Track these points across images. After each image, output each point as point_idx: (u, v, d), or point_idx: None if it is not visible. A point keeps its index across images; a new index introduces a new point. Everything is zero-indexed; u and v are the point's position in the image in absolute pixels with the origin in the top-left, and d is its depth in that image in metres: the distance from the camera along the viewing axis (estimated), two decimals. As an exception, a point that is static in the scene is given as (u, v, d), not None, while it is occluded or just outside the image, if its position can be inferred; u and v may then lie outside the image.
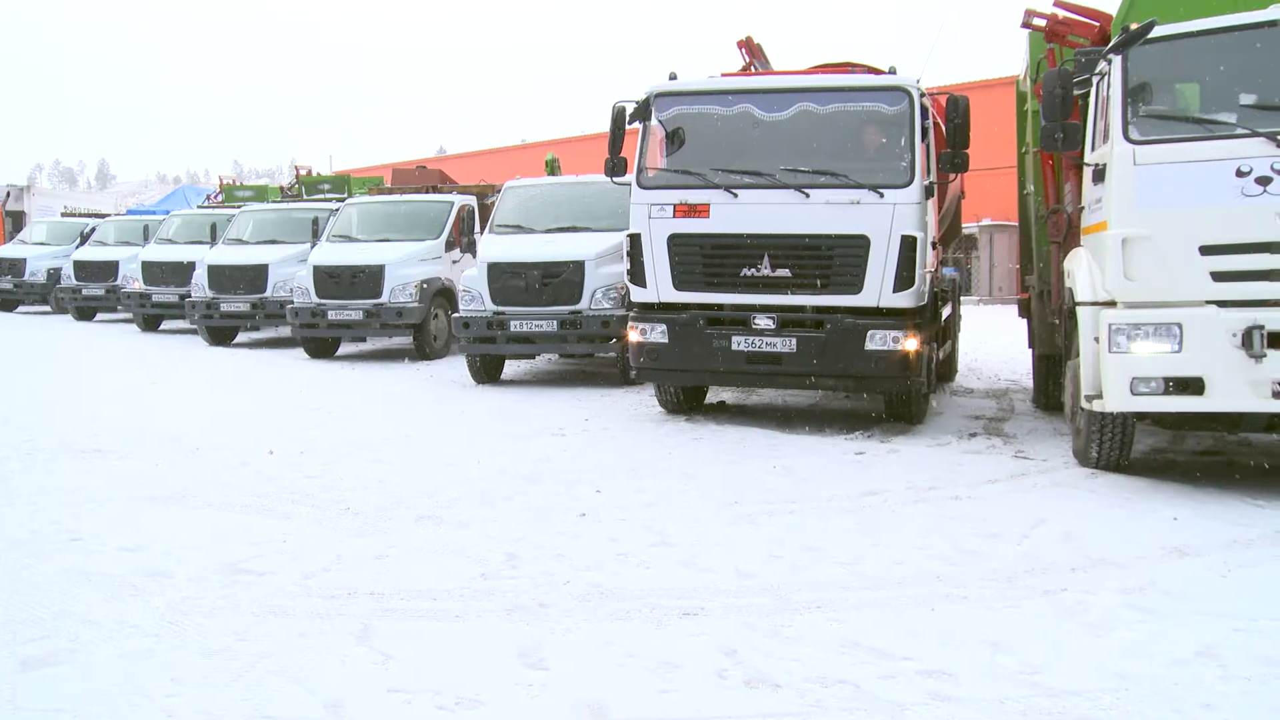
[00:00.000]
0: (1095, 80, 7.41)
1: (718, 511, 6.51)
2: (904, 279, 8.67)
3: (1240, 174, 6.37)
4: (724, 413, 10.41)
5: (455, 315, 12.97)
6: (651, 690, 3.90)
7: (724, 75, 10.20)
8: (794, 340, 8.88)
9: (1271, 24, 6.67)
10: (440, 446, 8.78)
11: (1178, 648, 4.23)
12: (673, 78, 9.57)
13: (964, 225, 16.99)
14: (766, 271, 8.91)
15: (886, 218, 8.65)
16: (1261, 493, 6.84)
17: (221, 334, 18.46)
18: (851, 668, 4.06)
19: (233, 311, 17.72)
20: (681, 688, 3.92)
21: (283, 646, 4.32)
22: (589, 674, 4.06)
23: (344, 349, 17.05)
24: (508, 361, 13.75)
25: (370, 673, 4.08)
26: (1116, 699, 3.77)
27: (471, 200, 16.68)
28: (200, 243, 19.72)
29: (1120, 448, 7.35)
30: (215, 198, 28.32)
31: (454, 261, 15.76)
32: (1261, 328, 6.29)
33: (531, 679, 4.01)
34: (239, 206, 21.31)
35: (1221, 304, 6.46)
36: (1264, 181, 6.32)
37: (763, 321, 8.96)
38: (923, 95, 8.98)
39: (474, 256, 14.44)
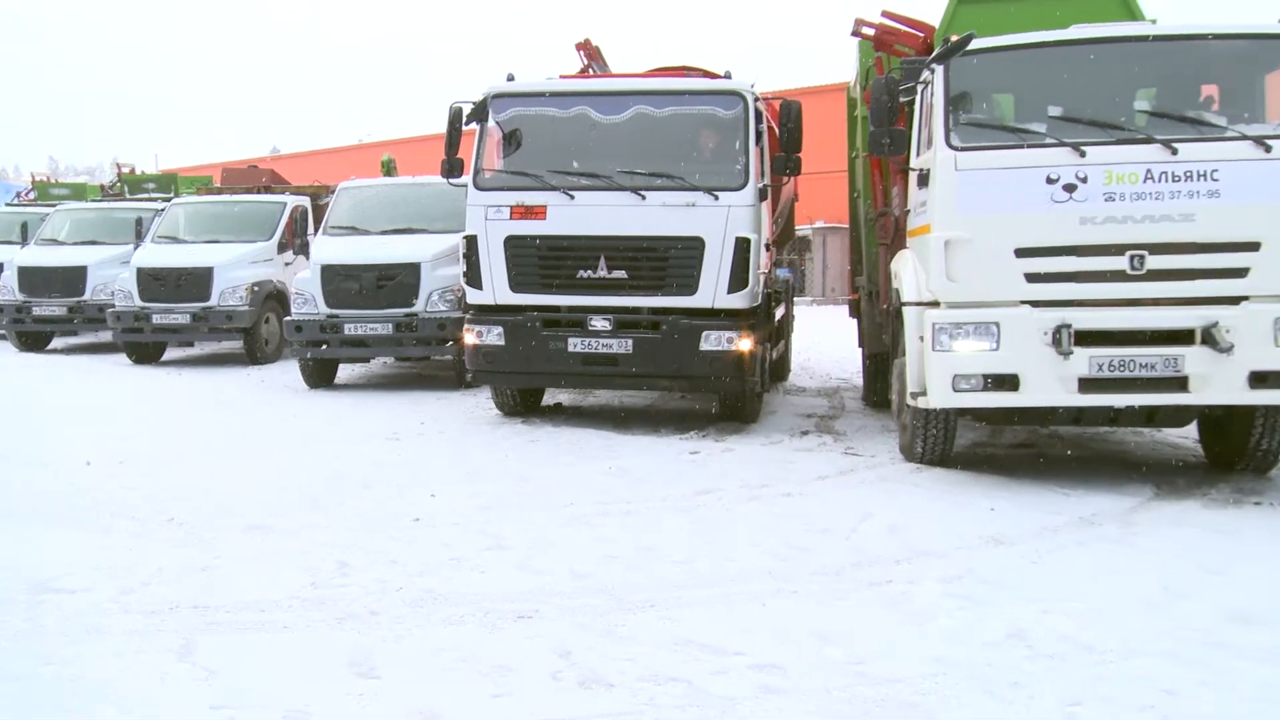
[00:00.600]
0: (920, 88, 7.68)
1: (553, 513, 6.50)
2: (738, 280, 8.83)
3: (1050, 181, 6.71)
4: (561, 415, 10.40)
5: (287, 319, 12.62)
6: (484, 695, 3.87)
7: (562, 77, 10.21)
8: (630, 341, 8.94)
9: (1076, 42, 7.06)
10: (271, 453, 8.51)
11: (991, 631, 4.43)
12: (510, 79, 9.53)
13: (797, 227, 17.40)
14: (603, 273, 8.94)
15: (721, 220, 8.79)
16: (1069, 482, 7.23)
17: (34, 340, 17.53)
18: (684, 665, 4.11)
19: (47, 316, 16.86)
20: (515, 691, 3.90)
21: (95, 668, 4.10)
22: (421, 681, 3.99)
23: (170, 354, 16.36)
24: (342, 365, 13.43)
25: (192, 690, 3.91)
26: (935, 683, 3.93)
27: (305, 201, 16.28)
28: (9, 243, 18.67)
29: (943, 443, 7.64)
30: (27, 195, 26.76)
31: (286, 264, 15.36)
32: (1069, 326, 6.64)
33: (362, 688, 3.92)
34: (54, 205, 20.25)
35: (1035, 304, 6.78)
36: (1070, 189, 6.67)
37: (599, 323, 9.00)
38: (757, 100, 9.16)
39: (307, 258, 14.05)
